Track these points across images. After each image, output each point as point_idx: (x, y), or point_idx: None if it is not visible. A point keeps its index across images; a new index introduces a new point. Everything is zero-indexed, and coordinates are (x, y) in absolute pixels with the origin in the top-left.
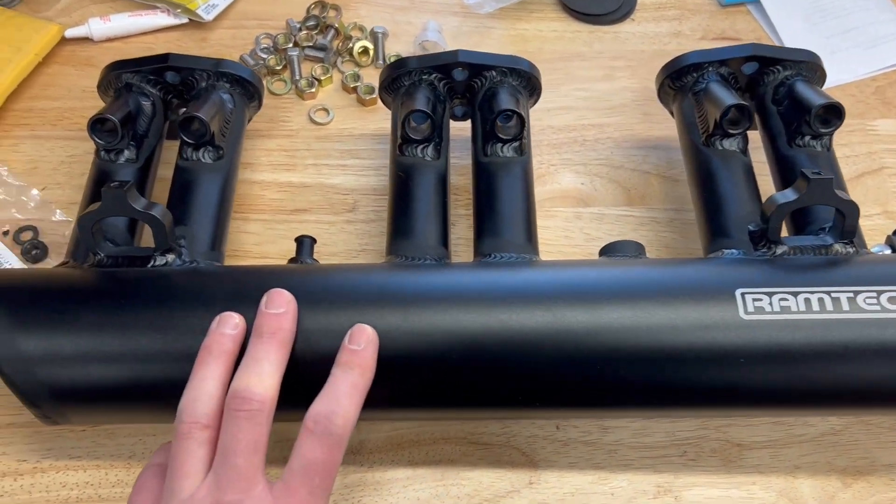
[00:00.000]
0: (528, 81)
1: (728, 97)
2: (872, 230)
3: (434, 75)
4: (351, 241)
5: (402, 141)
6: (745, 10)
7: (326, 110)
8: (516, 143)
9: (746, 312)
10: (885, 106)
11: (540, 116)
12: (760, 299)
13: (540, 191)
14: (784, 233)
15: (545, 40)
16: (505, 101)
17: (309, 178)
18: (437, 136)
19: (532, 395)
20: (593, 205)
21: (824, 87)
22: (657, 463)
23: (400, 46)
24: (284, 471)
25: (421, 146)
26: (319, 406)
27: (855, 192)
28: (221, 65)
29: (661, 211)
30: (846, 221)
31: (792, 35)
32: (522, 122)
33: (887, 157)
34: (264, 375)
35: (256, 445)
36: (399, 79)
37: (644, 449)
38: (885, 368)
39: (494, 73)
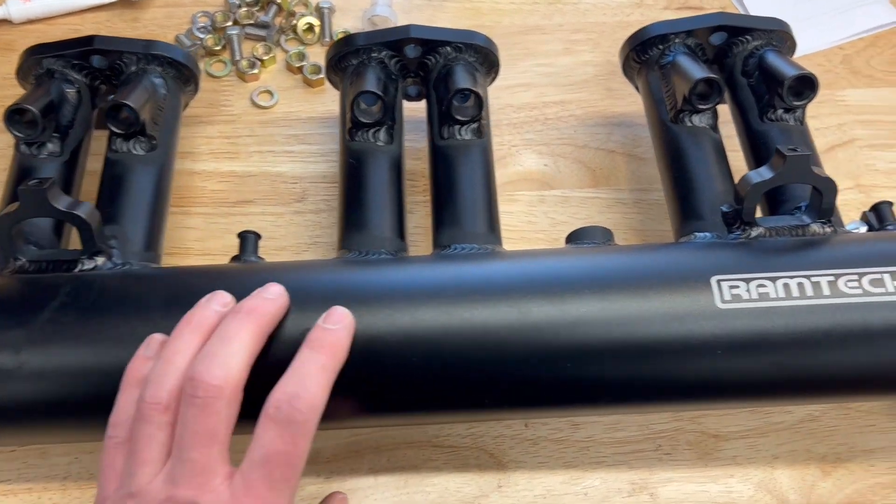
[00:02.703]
0: (485, 57)
1: (697, 70)
2: (846, 205)
3: (384, 52)
4: (301, 233)
5: (353, 125)
6: None
7: (270, 92)
8: (475, 125)
9: (723, 301)
10: (854, 75)
11: (498, 94)
12: (737, 286)
13: (501, 174)
14: (759, 213)
15: (502, 13)
16: (461, 80)
17: (253, 167)
18: (390, 119)
19: (500, 397)
20: (557, 187)
21: None
22: (631, 459)
23: (349, 22)
24: (243, 462)
25: (372, 130)
26: (281, 390)
27: (826, 166)
28: (152, 47)
29: (628, 192)
30: (824, 200)
31: (757, 2)
32: (480, 102)
33: (857, 128)
34: (229, 357)
35: (213, 435)
36: (346, 57)
37: (617, 444)
38: (868, 354)
39: (449, 48)
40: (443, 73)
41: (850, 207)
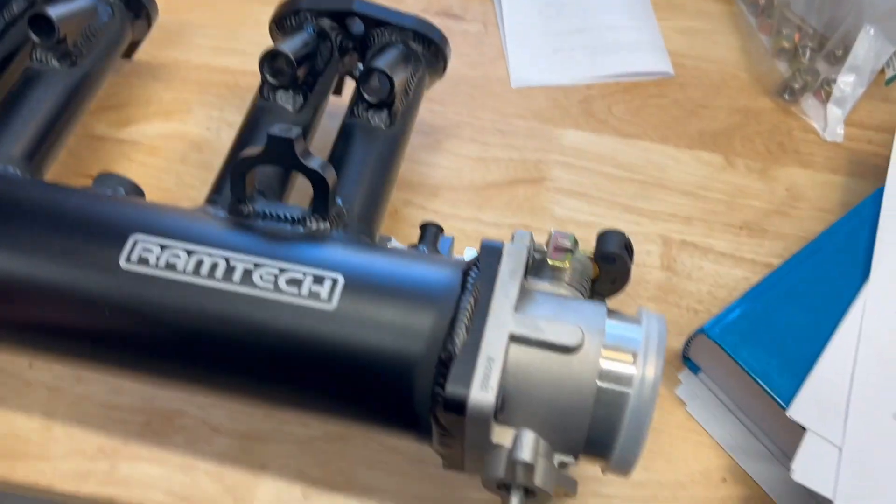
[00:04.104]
0: None
1: (281, 44)
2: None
3: None
4: None
5: None
6: None
7: None
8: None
9: (128, 260)
10: (585, 117)
11: (203, 54)
12: (151, 250)
13: (163, 126)
14: None
15: None
16: None
17: None
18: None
19: None
20: (207, 152)
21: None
22: (115, 425)
23: None
24: None
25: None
26: None
27: (502, 198)
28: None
29: None
30: (315, 194)
31: (516, 25)
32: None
33: (557, 169)
34: None
35: None
36: None
37: (110, 408)
38: (257, 351)
39: None
40: None
41: None
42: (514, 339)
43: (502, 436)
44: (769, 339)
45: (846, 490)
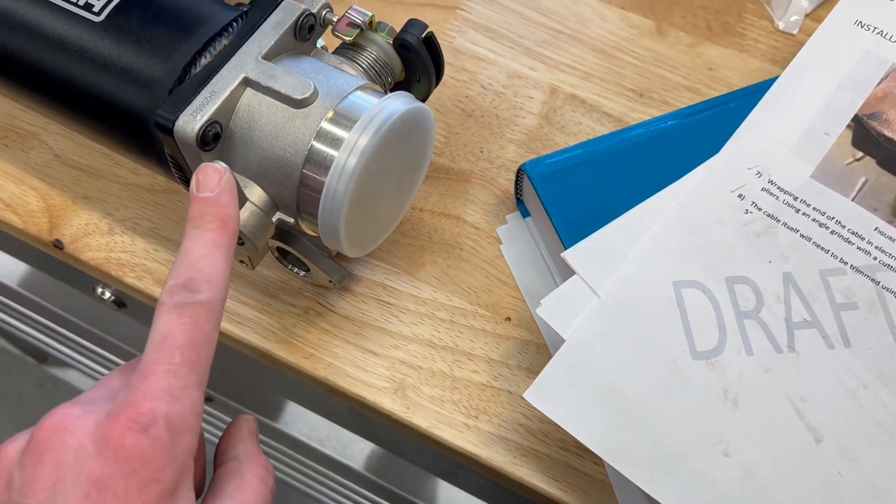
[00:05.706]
0: None
1: None
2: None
3: None
4: None
5: None
6: None
7: None
8: None
9: None
10: None
11: None
12: None
13: None
14: None
15: None
16: None
17: None
18: None
19: None
20: None
21: None
22: None
23: None
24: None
25: None
26: (173, 276)
27: (402, 16)
28: None
29: None
30: None
31: None
32: None
33: (474, 0)
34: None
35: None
36: None
37: None
38: (38, 55)
39: None
40: None
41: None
42: (249, 82)
43: None
44: (586, 186)
45: (582, 334)
